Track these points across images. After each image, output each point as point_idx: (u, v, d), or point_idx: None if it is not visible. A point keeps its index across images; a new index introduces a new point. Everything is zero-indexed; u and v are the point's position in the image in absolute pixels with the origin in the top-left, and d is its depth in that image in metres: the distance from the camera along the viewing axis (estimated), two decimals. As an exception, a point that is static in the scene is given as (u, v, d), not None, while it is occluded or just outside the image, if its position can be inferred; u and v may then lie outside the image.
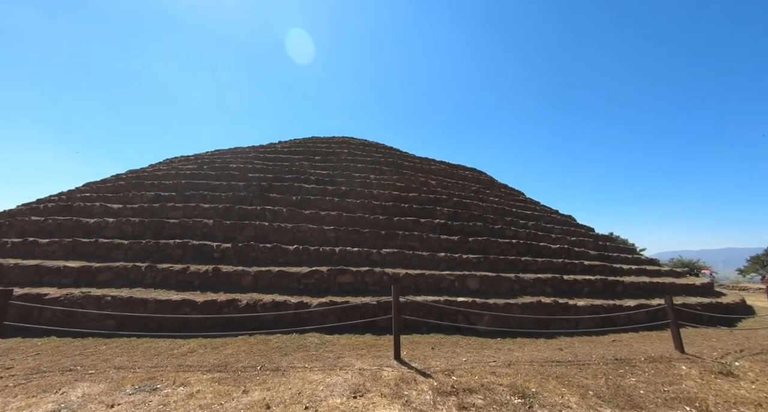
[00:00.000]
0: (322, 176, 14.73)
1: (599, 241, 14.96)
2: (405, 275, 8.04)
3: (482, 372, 4.63)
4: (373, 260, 8.83)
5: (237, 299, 6.87)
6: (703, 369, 5.33)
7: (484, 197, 15.56)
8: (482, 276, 8.37)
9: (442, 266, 8.98)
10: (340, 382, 4.12)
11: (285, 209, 11.07)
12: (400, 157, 19.82)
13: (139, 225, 10.26)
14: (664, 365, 5.46)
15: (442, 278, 8.18)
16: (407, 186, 14.22)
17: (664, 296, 7.47)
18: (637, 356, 5.88)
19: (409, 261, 8.99)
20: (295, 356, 5.24)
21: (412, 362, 4.93)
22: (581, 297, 8.86)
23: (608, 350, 6.31)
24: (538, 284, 8.81)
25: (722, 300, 11.25)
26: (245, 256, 8.76)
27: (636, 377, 4.92)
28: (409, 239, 9.99)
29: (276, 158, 17.93)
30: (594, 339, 7.11)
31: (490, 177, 21.81)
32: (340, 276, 7.86)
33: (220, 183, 13.65)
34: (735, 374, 5.19)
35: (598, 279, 9.66)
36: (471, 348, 5.94)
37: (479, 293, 8.18)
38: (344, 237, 9.78)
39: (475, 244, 10.40)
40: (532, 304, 7.65)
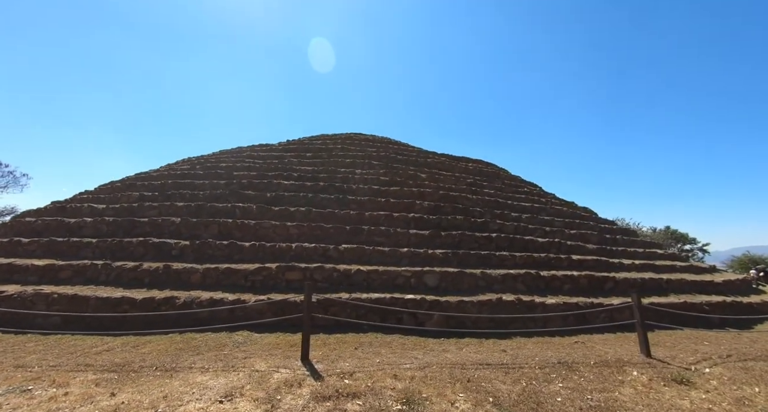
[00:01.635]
0: (306, 172, 14.76)
1: (606, 234, 13.95)
2: (357, 271, 7.83)
3: (385, 375, 4.37)
4: (330, 257, 8.68)
5: (175, 297, 6.97)
6: (657, 376, 4.76)
7: (478, 190, 14.95)
8: (442, 272, 8.00)
9: (404, 262, 8.67)
10: (221, 385, 4.01)
11: (255, 206, 11.16)
12: (396, 151, 19.51)
13: (113, 224, 10.71)
14: (613, 371, 4.94)
15: (398, 275, 7.89)
16: (391, 180, 13.93)
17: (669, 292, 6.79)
18: (587, 360, 5.37)
19: (369, 257, 8.76)
20: (205, 355, 5.19)
21: (318, 364, 4.74)
22: (559, 294, 8.26)
23: (561, 352, 5.80)
24: (507, 281, 8.30)
25: (743, 300, 10.14)
26: (202, 253, 8.89)
27: (566, 383, 4.47)
28: (375, 234, 9.75)
29: (268, 156, 18.20)
30: (555, 340, 6.57)
31: (496, 169, 21.02)
32: (288, 273, 7.79)
33: (203, 182, 14.02)
34: (692, 382, 4.60)
35: (583, 275, 8.96)
36: (400, 349, 5.64)
37: (437, 290, 7.82)
38: (307, 233, 9.70)
39: (448, 238, 9.98)
40: (490, 302, 7.20)
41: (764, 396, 4.31)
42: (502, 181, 18.29)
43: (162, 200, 12.49)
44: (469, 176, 17.09)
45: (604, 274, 9.32)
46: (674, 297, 9.09)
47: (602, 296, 8.58)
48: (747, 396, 4.28)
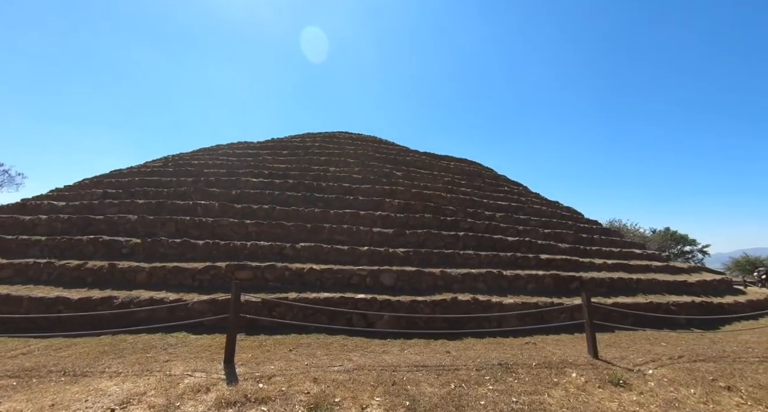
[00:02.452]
0: (277, 170, 14.54)
1: (583, 234, 13.88)
2: (309, 270, 7.64)
3: (305, 379, 4.19)
4: (286, 255, 8.49)
5: (114, 297, 6.73)
6: (596, 377, 4.64)
7: (454, 188, 14.84)
8: (399, 271, 7.83)
9: (363, 261, 8.49)
10: (123, 391, 3.79)
11: (218, 203, 10.93)
12: (375, 149, 19.34)
13: (68, 222, 10.41)
14: (552, 372, 4.80)
15: (353, 274, 7.71)
16: (364, 178, 13.77)
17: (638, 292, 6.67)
18: (530, 361, 5.23)
19: (327, 256, 8.57)
20: (127, 358, 4.96)
21: (240, 367, 4.54)
22: (521, 294, 8.13)
23: (507, 353, 5.66)
24: (467, 280, 8.15)
25: (714, 300, 10.11)
26: (154, 251, 8.65)
27: (498, 385, 4.32)
28: (337, 232, 9.56)
29: (243, 154, 17.95)
30: (507, 341, 6.43)
31: (478, 168, 20.93)
32: (238, 272, 7.58)
33: (170, 180, 13.75)
34: (629, 383, 4.48)
35: (548, 274, 8.85)
36: (338, 351, 5.46)
37: (393, 289, 7.65)
38: (267, 231, 9.49)
39: (413, 237, 9.83)
40: (445, 302, 7.05)
41: (697, 398, 4.19)
42: (482, 180, 18.21)
43: (124, 198, 12.21)
44: (448, 175, 16.97)
45: (570, 273, 9.21)
46: (642, 297, 9.02)
47: (566, 295, 8.47)
48: (680, 398, 4.16)
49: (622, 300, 8.43)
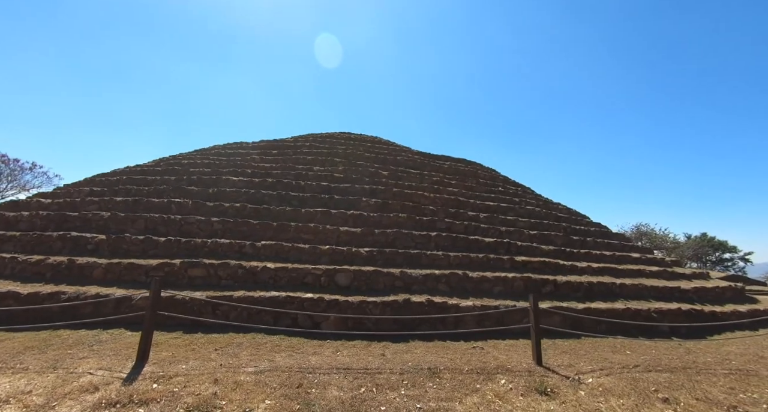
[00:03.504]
0: (261, 169, 14.63)
1: (574, 236, 13.37)
2: (263, 268, 7.58)
3: (206, 380, 4.10)
4: (245, 253, 8.46)
5: (62, 292, 6.83)
6: (524, 385, 4.39)
7: (440, 188, 14.58)
8: (356, 271, 7.68)
9: (323, 260, 8.38)
10: (11, 388, 3.76)
11: (192, 201, 11.04)
12: (366, 149, 19.25)
13: (46, 219, 10.69)
14: (480, 378, 4.58)
15: (307, 273, 7.60)
16: (346, 177, 13.68)
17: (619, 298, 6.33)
18: (463, 366, 5.01)
19: (287, 254, 8.50)
20: (46, 354, 4.96)
21: (150, 366, 4.47)
22: (484, 297, 7.84)
23: (445, 357, 5.44)
24: (429, 281, 7.92)
25: (706, 308, 9.54)
26: (117, 248, 8.76)
27: (412, 390, 4.14)
28: (303, 231, 9.49)
29: (234, 154, 18.17)
30: (454, 345, 6.17)
31: (474, 168, 20.55)
32: (191, 269, 7.58)
33: (155, 178, 14.00)
34: (556, 392, 4.23)
35: (519, 277, 8.53)
36: (266, 352, 5.33)
37: (348, 289, 7.50)
38: (232, 229, 9.50)
39: (381, 237, 9.65)
40: (396, 303, 6.85)
41: (626, 408, 3.88)
42: (476, 180, 17.86)
43: (106, 196, 12.49)
44: (438, 175, 16.71)
45: (545, 277, 8.85)
46: (621, 303, 8.57)
47: (538, 299, 8.11)
48: (604, 409, 3.87)
49: (596, 306, 8.02)
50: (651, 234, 41.00)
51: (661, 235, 40.99)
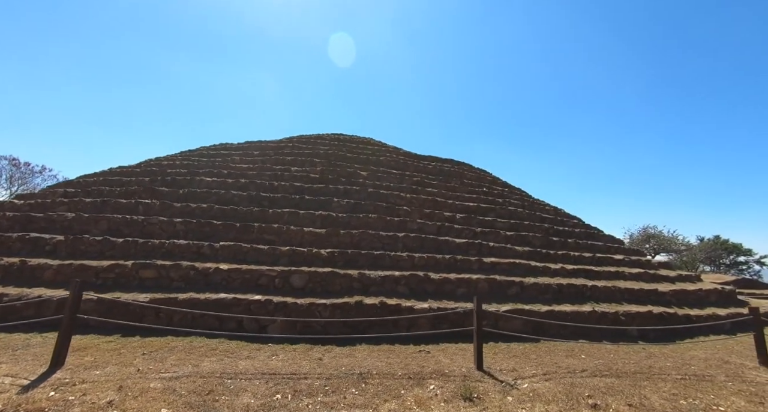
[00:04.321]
0: (238, 170, 14.54)
1: (555, 237, 13.17)
2: (215, 269, 7.45)
3: (111, 387, 3.99)
4: (203, 254, 8.34)
5: (4, 294, 6.72)
6: (452, 391, 4.26)
7: (418, 189, 14.43)
8: (311, 272, 7.54)
9: (282, 261, 8.24)
10: None
11: (159, 202, 10.94)
12: (350, 149, 19.13)
13: (12, 220, 10.62)
14: (409, 383, 4.43)
15: (261, 274, 7.47)
16: (321, 177, 13.56)
17: (589, 300, 6.15)
18: (397, 371, 4.85)
19: (246, 255, 8.38)
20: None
21: (64, 371, 4.33)
22: (444, 299, 7.68)
23: (384, 361, 5.29)
24: (387, 283, 7.77)
25: (680, 311, 9.36)
26: (75, 249, 8.66)
27: (330, 397, 3.99)
28: (266, 232, 9.36)
29: (217, 154, 18.09)
30: (402, 348, 6.01)
31: (461, 169, 20.38)
32: (142, 270, 7.47)
33: (130, 179, 13.93)
34: (482, 398, 4.08)
35: (483, 279, 8.36)
36: (195, 356, 5.19)
37: (303, 291, 7.36)
38: (195, 230, 9.39)
39: (346, 237, 9.51)
40: (347, 305, 6.71)
41: (546, 416, 3.71)
42: (460, 181, 17.70)
43: (77, 197, 12.42)
44: (420, 175, 16.56)
45: (511, 278, 8.68)
46: (589, 306, 8.38)
47: (502, 301, 7.96)
48: (524, 416, 3.69)
49: (561, 308, 7.84)
50: (659, 236, 40.27)
51: (669, 237, 40.23)
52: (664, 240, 39.97)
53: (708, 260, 41.88)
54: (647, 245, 40.72)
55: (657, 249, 40.30)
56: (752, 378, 5.57)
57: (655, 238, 40.33)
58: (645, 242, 40.77)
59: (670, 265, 16.60)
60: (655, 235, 40.59)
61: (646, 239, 40.73)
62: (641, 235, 41.42)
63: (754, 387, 5.10)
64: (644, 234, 41.22)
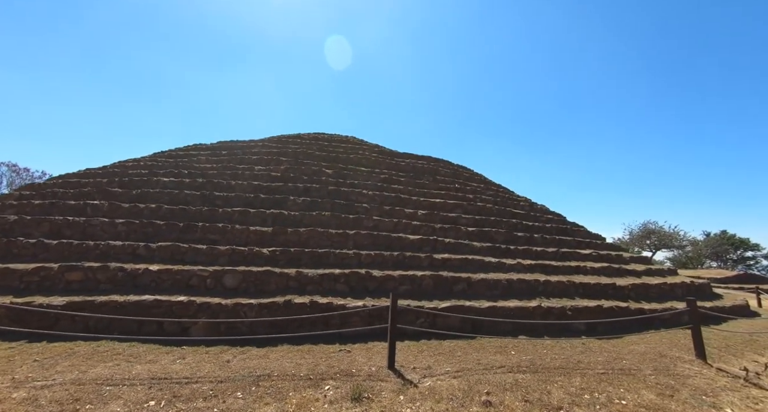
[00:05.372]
0: (199, 170, 14.31)
1: (519, 232, 13.06)
2: (145, 271, 7.24)
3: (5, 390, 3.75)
4: (139, 255, 8.13)
5: None
6: (346, 391, 4.13)
7: (385, 186, 14.28)
8: (245, 272, 7.35)
9: (221, 261, 8.05)
10: None
11: (108, 203, 10.70)
12: (320, 148, 18.94)
13: (-46, 225, 10.34)
14: (304, 385, 4.29)
15: (193, 275, 7.27)
16: (282, 176, 13.38)
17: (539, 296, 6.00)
18: (300, 372, 4.68)
19: (184, 255, 8.18)
20: None
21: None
22: (383, 297, 7.51)
23: (293, 362, 5.11)
24: (326, 281, 7.60)
25: (633, 305, 9.29)
26: (7, 252, 8.41)
27: (210, 402, 3.80)
28: (210, 231, 9.16)
29: (184, 155, 17.85)
30: (324, 348, 5.83)
31: (436, 166, 20.27)
32: (68, 273, 7.24)
33: (88, 180, 13.66)
34: (371, 398, 4.02)
35: (428, 275, 8.21)
36: (96, 361, 4.98)
37: (237, 291, 7.17)
38: (137, 231, 9.17)
39: (294, 236, 9.33)
40: (275, 304, 6.53)
41: None
42: (432, 177, 17.57)
43: (30, 199, 12.15)
44: (390, 172, 16.40)
45: (458, 274, 8.53)
46: (537, 301, 8.25)
47: (446, 298, 7.81)
48: (398, 416, 3.53)
49: (504, 304, 7.71)
50: (659, 232, 40.04)
51: (670, 233, 39.99)
52: (665, 236, 39.79)
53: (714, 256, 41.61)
54: (648, 241, 40.55)
55: (658, 245, 40.18)
56: (680, 371, 5.46)
57: (656, 234, 40.14)
58: (645, 238, 40.56)
59: (648, 260, 16.45)
60: (655, 231, 40.36)
61: (647, 235, 40.54)
62: (641, 231, 41.15)
63: (674, 380, 4.98)
64: (644, 230, 40.96)
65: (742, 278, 24.25)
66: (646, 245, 41.47)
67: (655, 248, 40.82)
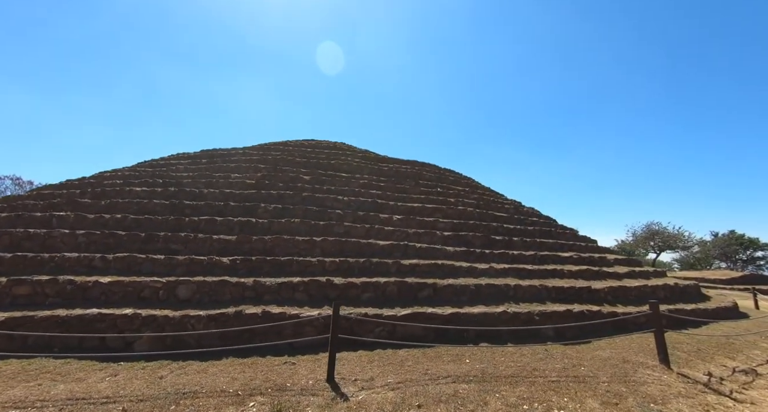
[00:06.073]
0: (174, 179, 14.15)
1: (498, 236, 12.87)
2: (95, 283, 7.04)
3: None
4: (95, 266, 7.93)
5: None
6: (266, 409, 3.82)
7: (362, 191, 14.12)
8: (200, 282, 7.15)
9: (178, 271, 7.85)
10: None
11: (74, 214, 10.51)
12: (302, 154, 18.82)
13: None
14: (228, 402, 4.10)
15: (145, 286, 7.07)
16: (257, 183, 13.23)
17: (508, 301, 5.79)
18: (230, 388, 4.46)
19: (140, 266, 7.97)
20: None
21: None
22: (350, 305, 7.32)
23: (230, 376, 4.90)
24: (284, 290, 7.40)
25: (605, 309, 9.09)
26: (-39, 267, 8.20)
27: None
28: (172, 241, 8.97)
29: (165, 165, 17.70)
30: (270, 360, 5.61)
31: (419, 170, 20.14)
32: (16, 287, 7.03)
33: (62, 192, 13.49)
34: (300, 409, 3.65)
35: (392, 282, 8.02)
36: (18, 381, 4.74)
37: (191, 303, 6.97)
38: (97, 241, 8.98)
39: (259, 243, 9.14)
40: (224, 316, 6.32)
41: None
42: (415, 182, 17.43)
43: (2, 212, 11.95)
44: (370, 177, 16.26)
45: (424, 280, 8.34)
46: (504, 306, 8.05)
47: (408, 305, 7.60)
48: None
49: (468, 310, 7.51)
50: (663, 233, 39.36)
51: (674, 234, 39.24)
52: (669, 237, 39.10)
53: (723, 257, 40.91)
54: (651, 242, 39.98)
55: (662, 246, 39.53)
56: (637, 378, 5.26)
57: (660, 235, 39.50)
58: (649, 240, 40.02)
59: (638, 262, 16.05)
60: (659, 232, 39.67)
61: (650, 236, 39.93)
62: (645, 232, 40.51)
63: (626, 387, 4.79)
64: (648, 231, 40.30)
65: (749, 279, 23.77)
66: (650, 247, 40.80)
67: (659, 250, 40.09)
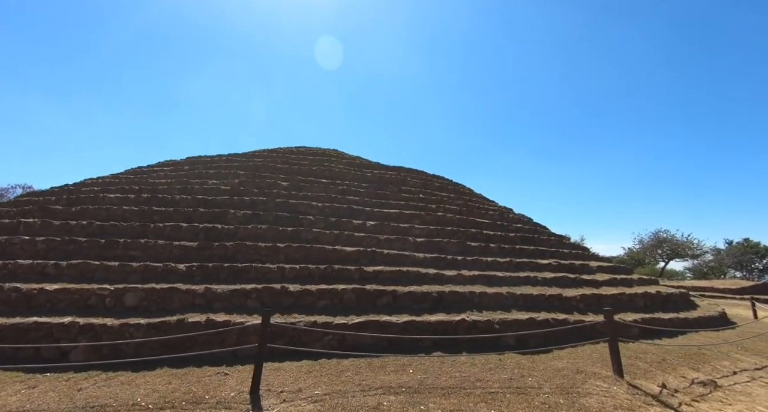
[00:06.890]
0: (152, 185, 14.06)
1: (475, 242, 12.67)
2: (40, 291, 6.88)
3: None
4: (47, 274, 7.79)
5: None
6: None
7: (339, 197, 13.98)
8: (147, 289, 6.98)
9: (133, 278, 7.69)
10: None
11: (40, 220, 10.41)
12: (285, 161, 18.74)
13: None
14: None
15: (92, 294, 6.91)
16: (231, 189, 13.12)
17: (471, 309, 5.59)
18: (152, 401, 4.26)
19: (94, 273, 7.83)
20: None
21: None
22: (306, 313, 7.12)
23: (155, 388, 4.68)
24: (236, 297, 7.22)
25: (572, 317, 8.85)
26: None
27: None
28: (131, 248, 8.83)
29: (149, 172, 17.64)
30: (206, 370, 5.42)
31: (403, 176, 19.97)
32: (-41, 294, 6.87)
33: (38, 199, 13.43)
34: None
35: (350, 288, 7.82)
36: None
37: (137, 310, 6.79)
38: (57, 248, 8.84)
39: (220, 250, 8.98)
40: (165, 324, 6.14)
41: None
42: (397, 188, 17.28)
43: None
44: (351, 183, 16.12)
45: (384, 287, 8.14)
46: (464, 315, 7.82)
47: (365, 313, 7.39)
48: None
49: (424, 319, 7.29)
50: (671, 241, 38.41)
51: (683, 242, 38.25)
52: (677, 245, 38.13)
53: (737, 265, 39.93)
54: (659, 250, 39.22)
55: (670, 255, 38.73)
56: (583, 390, 5.04)
57: (668, 243, 38.60)
58: (657, 248, 39.24)
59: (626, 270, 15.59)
60: (667, 239, 38.73)
61: (658, 244, 39.10)
62: (652, 240, 39.61)
63: (565, 399, 4.57)
64: (655, 239, 39.41)
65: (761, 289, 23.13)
66: (657, 255, 39.96)
67: (667, 258, 39.19)
